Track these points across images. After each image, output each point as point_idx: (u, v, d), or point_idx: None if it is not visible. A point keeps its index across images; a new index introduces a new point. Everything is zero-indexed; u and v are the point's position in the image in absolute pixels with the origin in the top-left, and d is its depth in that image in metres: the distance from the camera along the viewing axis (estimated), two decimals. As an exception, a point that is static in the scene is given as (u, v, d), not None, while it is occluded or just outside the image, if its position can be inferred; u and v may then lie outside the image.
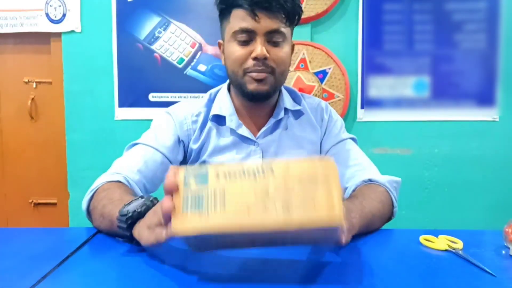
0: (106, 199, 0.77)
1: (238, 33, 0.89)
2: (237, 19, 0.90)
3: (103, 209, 0.76)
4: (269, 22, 0.88)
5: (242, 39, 0.90)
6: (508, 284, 0.58)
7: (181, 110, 1.01)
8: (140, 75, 2.16)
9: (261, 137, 0.99)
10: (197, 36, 2.14)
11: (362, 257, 0.66)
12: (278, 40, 0.90)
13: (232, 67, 0.93)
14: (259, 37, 0.89)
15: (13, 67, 2.28)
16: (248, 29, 0.88)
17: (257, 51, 0.88)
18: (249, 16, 0.87)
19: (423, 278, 0.59)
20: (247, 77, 0.91)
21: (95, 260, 0.66)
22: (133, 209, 0.66)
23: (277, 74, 0.92)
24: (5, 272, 0.60)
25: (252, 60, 0.89)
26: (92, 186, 0.86)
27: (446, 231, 0.80)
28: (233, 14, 0.90)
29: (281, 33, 0.90)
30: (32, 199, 2.34)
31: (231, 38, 0.91)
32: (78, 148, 2.20)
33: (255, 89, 0.91)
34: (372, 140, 2.10)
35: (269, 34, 0.89)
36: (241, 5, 0.88)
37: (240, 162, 0.86)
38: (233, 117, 0.98)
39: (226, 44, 0.94)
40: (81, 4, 2.15)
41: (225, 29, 0.94)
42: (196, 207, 0.48)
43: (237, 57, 0.91)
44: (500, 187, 2.13)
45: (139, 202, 0.67)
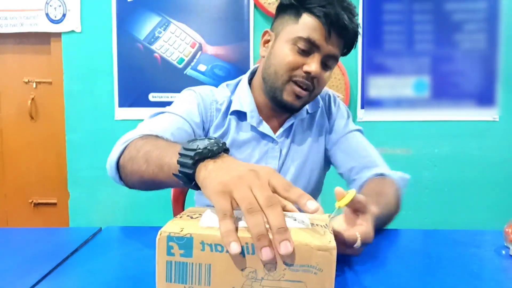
0: (150, 145, 0.67)
1: (303, 40, 0.85)
2: (307, 26, 0.85)
3: (147, 155, 0.65)
4: (334, 46, 0.86)
5: (302, 48, 0.86)
6: (508, 284, 0.58)
7: (207, 94, 0.98)
8: (140, 75, 2.16)
9: (280, 136, 0.99)
10: (197, 36, 2.14)
11: (363, 257, 0.66)
12: (329, 65, 0.89)
13: (279, 68, 0.88)
14: (320, 55, 0.86)
15: (13, 67, 2.28)
16: (315, 43, 0.85)
17: (313, 68, 0.85)
18: (322, 30, 0.84)
19: (423, 278, 0.59)
20: (290, 86, 0.88)
21: (95, 260, 0.66)
22: (203, 145, 0.53)
23: (313, 95, 0.91)
24: (5, 272, 0.60)
25: (304, 72, 0.86)
26: (123, 139, 0.76)
27: (446, 231, 0.80)
28: (304, 18, 0.86)
29: (336, 60, 0.89)
30: (32, 199, 2.34)
31: (291, 40, 0.87)
32: (78, 148, 2.20)
33: (291, 102, 0.89)
34: (372, 140, 2.09)
35: (327, 57, 0.87)
36: (318, 16, 0.84)
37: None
38: (254, 113, 0.96)
39: (281, 42, 0.89)
40: (81, 4, 2.15)
41: (286, 27, 0.89)
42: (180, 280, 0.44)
43: (290, 62, 0.86)
44: (500, 187, 2.13)
45: (208, 141, 0.54)
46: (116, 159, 0.75)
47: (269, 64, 0.90)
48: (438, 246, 0.73)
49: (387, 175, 0.93)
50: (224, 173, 0.48)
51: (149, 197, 2.09)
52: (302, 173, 1.00)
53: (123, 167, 0.74)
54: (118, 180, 0.78)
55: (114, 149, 0.77)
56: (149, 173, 0.65)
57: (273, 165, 0.97)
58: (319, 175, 1.04)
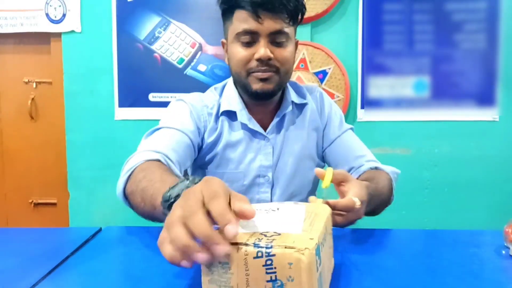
0: (146, 181, 0.70)
1: (241, 34, 0.89)
2: (239, 21, 0.89)
3: (143, 193, 0.69)
4: (272, 23, 0.88)
5: (245, 41, 0.90)
6: (508, 284, 0.58)
7: (197, 100, 1.00)
8: (140, 75, 2.16)
9: (270, 132, 1.00)
10: (197, 36, 2.14)
11: (362, 257, 0.66)
12: (281, 41, 0.91)
13: (236, 68, 0.93)
14: (263, 38, 0.89)
15: (13, 67, 2.28)
16: (251, 31, 0.88)
17: (260, 53, 0.88)
18: (251, 17, 0.87)
19: (423, 278, 0.59)
20: (251, 77, 0.91)
21: (95, 260, 0.66)
22: (177, 193, 0.56)
23: (281, 73, 0.92)
24: (5, 272, 0.60)
25: (256, 61, 0.89)
26: (128, 166, 0.78)
27: (446, 231, 0.80)
28: (235, 15, 0.90)
29: (285, 33, 0.90)
30: (32, 199, 2.34)
31: (234, 39, 0.91)
32: (78, 148, 2.20)
33: (260, 88, 0.91)
34: (372, 140, 2.10)
35: (273, 35, 0.89)
36: (243, 7, 0.88)
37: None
38: (243, 111, 0.98)
39: (230, 45, 0.94)
40: (81, 4, 2.15)
41: (228, 30, 0.94)
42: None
43: (241, 58, 0.91)
44: (500, 187, 2.13)
45: (184, 184, 0.58)
46: (122, 189, 0.77)
47: (231, 67, 0.96)
48: (438, 246, 0.73)
49: (380, 168, 0.98)
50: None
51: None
52: (299, 167, 1.02)
53: (128, 198, 0.76)
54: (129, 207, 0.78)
55: (120, 177, 0.78)
56: (146, 211, 0.68)
57: (267, 162, 0.99)
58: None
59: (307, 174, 1.03)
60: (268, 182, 1.00)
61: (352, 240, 0.71)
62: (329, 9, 2.06)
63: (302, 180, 1.03)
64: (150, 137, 0.90)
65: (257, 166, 0.99)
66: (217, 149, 0.98)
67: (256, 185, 0.99)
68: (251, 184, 0.99)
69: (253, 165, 0.99)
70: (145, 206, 0.68)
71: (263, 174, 0.99)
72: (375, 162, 1.00)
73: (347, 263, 0.63)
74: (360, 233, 0.78)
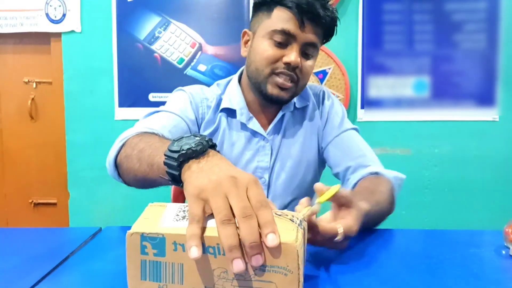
0: (143, 143, 0.69)
1: (278, 33, 0.87)
2: (280, 19, 0.86)
3: (141, 153, 0.67)
4: (311, 33, 0.87)
5: (279, 40, 0.87)
6: (508, 284, 0.58)
7: (197, 92, 1.00)
8: (140, 75, 2.16)
9: (270, 133, 0.99)
10: (197, 36, 2.14)
11: (362, 257, 0.66)
12: (310, 54, 0.90)
13: (259, 64, 0.90)
14: (297, 44, 0.87)
15: (13, 67, 2.28)
16: (290, 33, 0.86)
17: (292, 58, 0.86)
18: (295, 20, 0.85)
19: (423, 278, 0.59)
20: (272, 79, 0.89)
21: (95, 260, 0.66)
22: (187, 146, 0.52)
23: (300, 85, 0.92)
24: (5, 272, 0.60)
25: (283, 63, 0.87)
26: (121, 137, 0.78)
27: (446, 231, 0.80)
28: (276, 11, 0.87)
29: (316, 47, 0.90)
30: (32, 199, 2.34)
31: (267, 35, 0.88)
32: (78, 148, 2.20)
33: (276, 94, 0.90)
34: (372, 140, 2.08)
35: (306, 45, 0.88)
36: (290, 7, 0.85)
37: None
38: (243, 110, 0.97)
39: (258, 39, 0.90)
40: (81, 4, 2.15)
41: (261, 23, 0.90)
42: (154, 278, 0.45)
43: (269, 56, 0.88)
44: (500, 187, 2.13)
45: (193, 139, 0.54)
46: (114, 156, 0.77)
47: (250, 61, 0.93)
48: (438, 246, 0.72)
49: (381, 173, 0.92)
50: (203, 176, 0.48)
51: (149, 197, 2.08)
52: (297, 171, 1.00)
53: (120, 164, 0.76)
54: (117, 177, 0.79)
55: (113, 147, 0.78)
56: (141, 172, 0.67)
57: (265, 163, 0.98)
58: (314, 174, 1.03)
59: (305, 179, 1.01)
60: (264, 185, 0.98)
61: (352, 240, 0.71)
62: (329, 9, 2.06)
63: (300, 184, 1.00)
64: (147, 118, 0.89)
65: (253, 167, 0.97)
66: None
67: None
68: None
69: (250, 166, 0.97)
70: (140, 167, 0.66)
71: (259, 176, 0.98)
72: (377, 167, 0.94)
73: (347, 263, 0.63)
74: (359, 233, 0.78)
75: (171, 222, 0.46)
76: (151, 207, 0.50)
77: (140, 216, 0.48)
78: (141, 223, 0.46)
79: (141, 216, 0.48)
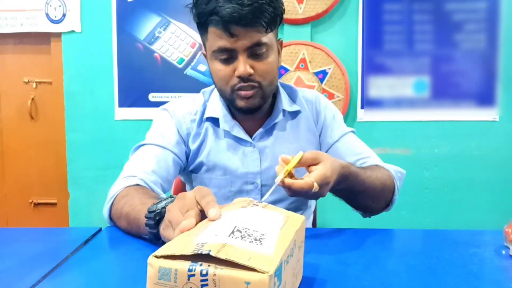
0: (127, 206, 0.76)
1: (218, 52, 0.86)
2: (214, 38, 0.85)
3: (127, 217, 0.76)
4: (247, 38, 0.84)
5: (223, 58, 0.86)
6: (508, 284, 0.58)
7: (180, 108, 1.00)
8: (140, 75, 2.16)
9: (257, 139, 0.98)
10: (197, 36, 2.14)
11: (362, 257, 0.66)
12: (261, 52, 0.87)
13: (219, 85, 0.91)
14: (240, 54, 0.85)
15: (13, 67, 2.28)
16: (227, 48, 0.85)
17: (240, 70, 0.85)
18: (225, 34, 0.83)
19: (423, 278, 0.59)
20: (235, 94, 0.89)
21: (95, 260, 0.66)
22: (162, 205, 0.64)
23: (264, 86, 0.89)
24: (5, 272, 0.60)
25: (237, 77, 0.86)
26: (110, 194, 0.84)
27: (446, 231, 0.80)
28: (210, 31, 0.86)
29: (264, 44, 0.86)
30: (32, 199, 2.34)
31: (213, 56, 0.88)
32: (78, 148, 2.20)
33: (245, 105, 0.90)
34: (372, 140, 2.10)
35: (251, 49, 0.85)
36: (215, 25, 0.83)
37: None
38: (226, 118, 0.96)
39: (209, 61, 0.91)
40: (81, 4, 2.15)
41: (206, 44, 0.91)
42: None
43: (222, 77, 0.88)
44: (500, 187, 2.13)
45: (168, 200, 0.66)
46: (108, 216, 0.84)
47: (214, 83, 0.94)
48: (438, 246, 0.73)
49: (381, 165, 0.94)
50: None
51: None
52: None
53: (114, 221, 0.83)
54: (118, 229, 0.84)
55: (105, 205, 0.85)
56: (133, 231, 0.76)
57: (255, 168, 0.97)
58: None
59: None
60: (257, 189, 0.97)
61: (352, 240, 0.71)
62: (329, 9, 2.06)
63: None
64: (133, 156, 0.95)
65: (243, 173, 0.97)
66: (201, 155, 0.97)
67: (245, 192, 0.97)
68: (239, 191, 0.97)
69: (240, 172, 0.96)
70: (131, 229, 0.75)
71: (251, 181, 0.97)
72: (375, 160, 0.97)
73: (347, 263, 0.63)
74: (360, 233, 0.78)
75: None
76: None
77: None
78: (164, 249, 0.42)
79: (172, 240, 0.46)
